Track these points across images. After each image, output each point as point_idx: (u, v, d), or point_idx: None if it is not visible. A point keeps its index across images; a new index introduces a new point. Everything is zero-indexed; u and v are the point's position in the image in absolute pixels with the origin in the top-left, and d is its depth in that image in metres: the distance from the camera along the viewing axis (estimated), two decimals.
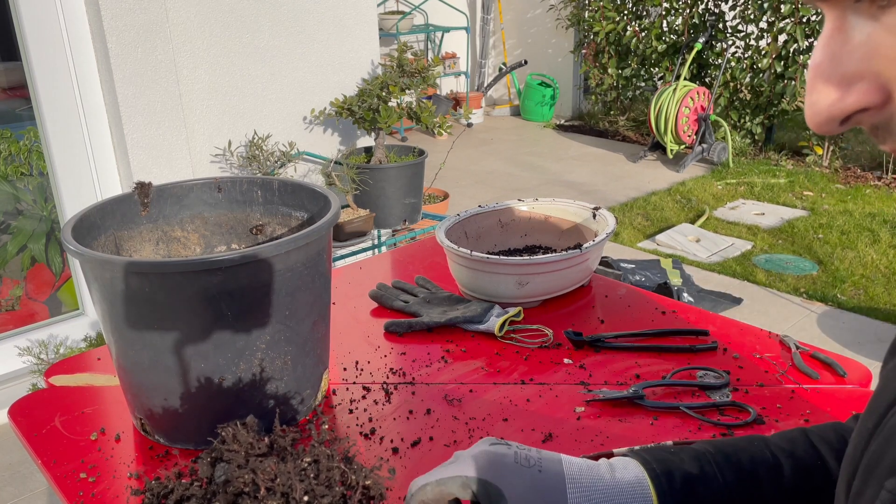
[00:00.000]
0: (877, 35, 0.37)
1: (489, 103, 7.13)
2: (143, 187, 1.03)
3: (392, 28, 5.73)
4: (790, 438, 0.69)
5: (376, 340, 1.17)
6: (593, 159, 5.52)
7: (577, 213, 1.40)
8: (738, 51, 5.35)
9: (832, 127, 0.41)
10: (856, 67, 0.38)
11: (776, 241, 3.83)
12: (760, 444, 0.69)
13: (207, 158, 2.62)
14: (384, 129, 2.76)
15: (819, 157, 5.05)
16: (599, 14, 5.96)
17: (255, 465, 0.61)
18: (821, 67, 0.40)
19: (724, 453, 0.67)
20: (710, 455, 0.67)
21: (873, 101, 0.38)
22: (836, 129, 0.41)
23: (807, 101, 0.41)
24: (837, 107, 0.39)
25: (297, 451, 0.65)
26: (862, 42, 0.38)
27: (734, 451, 0.68)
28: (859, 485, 0.49)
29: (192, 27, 2.46)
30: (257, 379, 0.88)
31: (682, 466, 0.66)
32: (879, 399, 0.51)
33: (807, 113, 0.41)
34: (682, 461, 0.66)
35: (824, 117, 0.40)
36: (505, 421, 0.94)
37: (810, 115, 0.41)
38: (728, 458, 0.67)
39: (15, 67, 2.34)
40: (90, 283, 0.86)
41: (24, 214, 2.51)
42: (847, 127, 0.41)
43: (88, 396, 1.03)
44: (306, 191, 1.03)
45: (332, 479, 0.62)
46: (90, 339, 2.45)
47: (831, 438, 0.68)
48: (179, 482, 0.66)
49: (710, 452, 0.67)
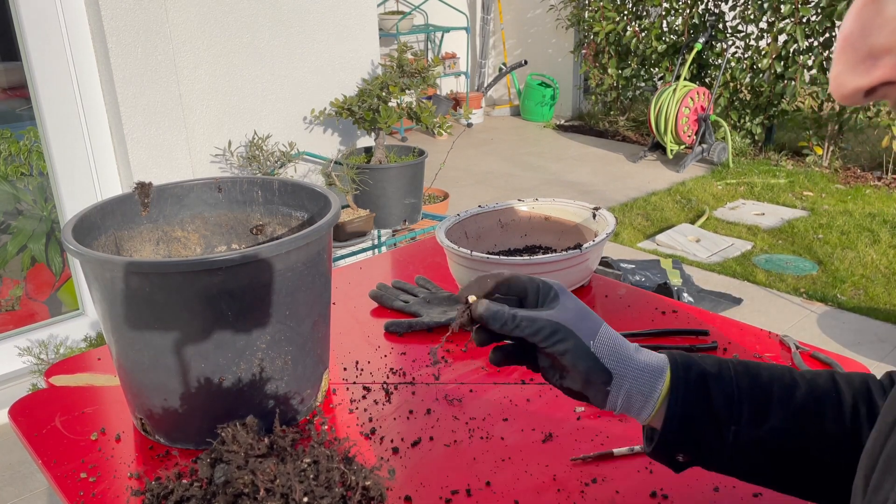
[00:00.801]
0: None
1: (489, 103, 7.13)
2: (144, 187, 1.03)
3: (392, 28, 5.73)
4: (815, 372, 0.71)
5: (376, 340, 1.17)
6: (593, 159, 5.52)
7: (577, 213, 1.40)
8: (738, 51, 5.35)
9: (856, 99, 0.41)
10: (886, 40, 0.38)
11: (776, 242, 3.83)
12: (784, 368, 0.71)
13: (207, 158, 2.61)
14: (384, 129, 2.76)
15: (819, 158, 5.05)
16: (599, 14, 5.96)
17: (255, 466, 0.61)
18: (850, 38, 0.40)
19: (745, 365, 0.70)
20: (731, 363, 0.70)
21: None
22: (860, 102, 0.41)
23: (833, 71, 0.41)
24: (864, 79, 0.39)
25: (297, 452, 0.65)
26: (893, 16, 0.38)
27: (756, 366, 0.70)
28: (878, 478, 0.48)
29: (192, 27, 2.46)
30: (257, 379, 0.88)
31: (702, 364, 0.68)
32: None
33: (832, 84, 0.41)
34: (703, 361, 0.69)
35: (850, 89, 0.40)
36: (505, 421, 0.94)
37: (835, 85, 0.41)
38: (748, 370, 0.69)
39: (15, 67, 2.34)
40: (90, 283, 0.86)
41: (24, 214, 2.51)
42: (871, 100, 0.41)
43: (89, 396, 1.03)
44: (306, 191, 1.03)
45: (332, 479, 0.62)
46: (90, 339, 2.45)
47: (854, 379, 0.69)
48: (180, 482, 0.66)
49: (734, 363, 0.70)
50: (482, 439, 0.91)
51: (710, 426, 0.66)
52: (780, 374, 0.69)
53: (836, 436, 0.66)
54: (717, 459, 0.68)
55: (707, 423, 0.66)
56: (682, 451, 0.68)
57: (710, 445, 0.67)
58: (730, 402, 0.66)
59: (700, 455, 0.68)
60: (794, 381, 0.68)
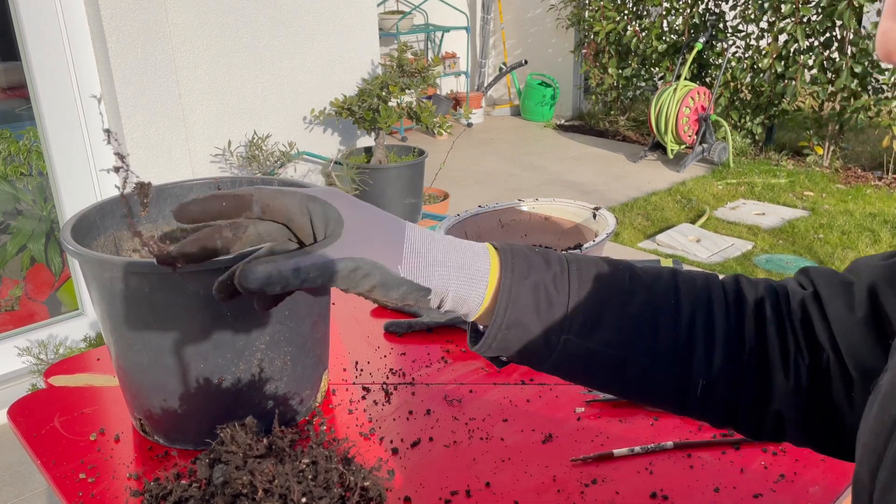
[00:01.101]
0: None
1: (489, 103, 7.13)
2: (143, 187, 1.02)
3: (392, 28, 5.73)
4: (657, 274, 0.66)
5: (376, 341, 1.16)
6: (593, 159, 5.52)
7: (577, 214, 1.40)
8: (739, 51, 5.35)
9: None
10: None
11: (777, 242, 3.82)
12: (626, 269, 0.65)
13: (207, 158, 2.61)
14: (384, 129, 2.75)
15: (819, 157, 5.05)
16: (599, 14, 5.96)
17: (253, 467, 0.61)
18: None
19: (584, 267, 0.63)
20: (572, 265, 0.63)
21: None
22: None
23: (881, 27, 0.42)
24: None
25: (296, 453, 0.65)
26: None
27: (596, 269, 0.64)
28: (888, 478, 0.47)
29: (191, 27, 2.46)
30: (257, 379, 0.88)
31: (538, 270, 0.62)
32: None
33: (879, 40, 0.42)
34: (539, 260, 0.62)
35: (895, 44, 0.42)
36: (505, 421, 0.94)
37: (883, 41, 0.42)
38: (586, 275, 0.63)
39: (15, 67, 2.34)
40: (90, 283, 0.86)
41: (24, 214, 2.51)
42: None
43: (88, 397, 1.03)
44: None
45: (331, 480, 0.62)
46: (89, 340, 2.45)
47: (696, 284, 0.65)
48: (178, 483, 0.66)
49: (575, 264, 0.64)
50: (482, 440, 0.91)
51: (538, 334, 0.61)
52: (620, 278, 0.64)
53: (667, 350, 0.62)
54: (542, 363, 0.63)
55: (534, 331, 0.61)
56: (507, 353, 0.63)
57: (536, 351, 0.62)
58: (562, 312, 0.61)
59: (525, 358, 0.63)
60: (632, 289, 0.63)
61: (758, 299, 0.65)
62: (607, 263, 0.65)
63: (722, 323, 0.63)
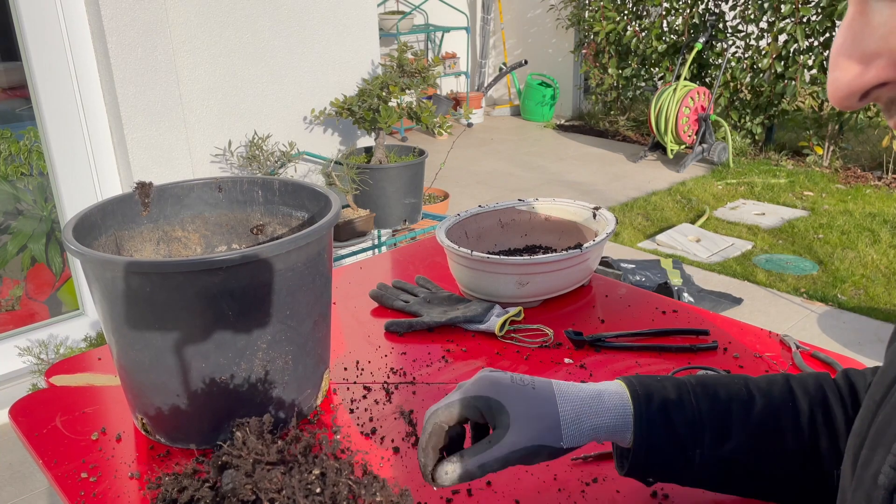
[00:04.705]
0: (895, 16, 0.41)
1: (489, 103, 7.13)
2: (144, 187, 1.03)
3: (392, 28, 5.73)
4: (770, 380, 0.74)
5: (377, 340, 1.17)
6: (593, 159, 5.52)
7: (578, 213, 1.40)
8: (739, 51, 5.35)
9: (852, 102, 0.43)
10: (876, 45, 0.41)
11: (776, 241, 3.83)
12: (740, 381, 0.74)
13: (207, 158, 2.61)
14: (384, 129, 2.76)
15: (819, 157, 5.05)
16: (599, 14, 5.96)
17: (261, 476, 0.60)
18: (843, 47, 0.43)
19: (703, 385, 0.73)
20: (690, 386, 0.73)
21: (891, 76, 0.42)
22: (856, 105, 0.44)
23: (829, 77, 0.44)
24: (858, 82, 0.42)
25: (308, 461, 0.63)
26: (881, 23, 0.41)
27: (713, 385, 0.73)
28: (867, 454, 0.51)
29: (192, 27, 2.46)
30: (258, 379, 0.88)
31: (663, 392, 0.72)
32: (886, 374, 0.54)
33: (829, 89, 0.44)
34: (663, 388, 0.72)
35: (845, 92, 0.43)
36: None
37: (832, 90, 0.43)
38: (706, 390, 0.72)
39: (15, 67, 2.34)
40: (91, 282, 0.86)
41: (24, 214, 2.51)
42: (865, 102, 0.44)
43: (89, 396, 1.03)
44: (307, 191, 1.03)
45: (339, 494, 0.61)
46: (90, 339, 2.45)
47: (809, 384, 0.73)
48: (194, 480, 0.65)
49: (692, 384, 0.73)
50: None
51: (676, 453, 0.70)
52: (736, 390, 0.73)
53: (795, 450, 0.70)
54: (685, 479, 0.72)
55: (672, 451, 0.70)
56: (652, 475, 0.73)
57: (677, 469, 0.71)
58: (692, 427, 0.70)
59: (669, 477, 0.73)
60: (750, 397, 0.72)
61: (867, 386, 0.70)
62: (721, 376, 0.75)
63: (840, 413, 0.70)
